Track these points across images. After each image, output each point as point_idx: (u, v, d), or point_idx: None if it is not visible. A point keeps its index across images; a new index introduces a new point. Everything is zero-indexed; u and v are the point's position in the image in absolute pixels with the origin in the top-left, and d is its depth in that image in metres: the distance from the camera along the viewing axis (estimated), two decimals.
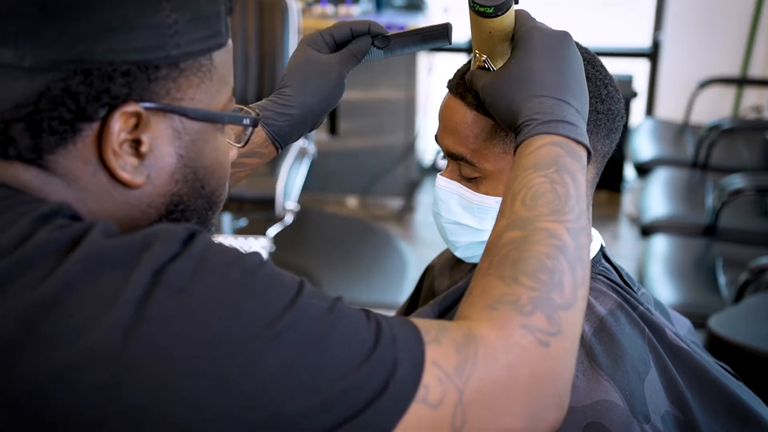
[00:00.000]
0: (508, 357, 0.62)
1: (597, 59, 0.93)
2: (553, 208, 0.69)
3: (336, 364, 0.59)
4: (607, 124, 0.91)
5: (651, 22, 3.97)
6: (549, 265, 0.66)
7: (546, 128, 0.74)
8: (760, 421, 0.92)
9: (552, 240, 0.68)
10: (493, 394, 0.61)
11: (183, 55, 0.65)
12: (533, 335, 0.63)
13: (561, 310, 0.65)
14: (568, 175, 0.72)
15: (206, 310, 0.57)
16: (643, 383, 0.88)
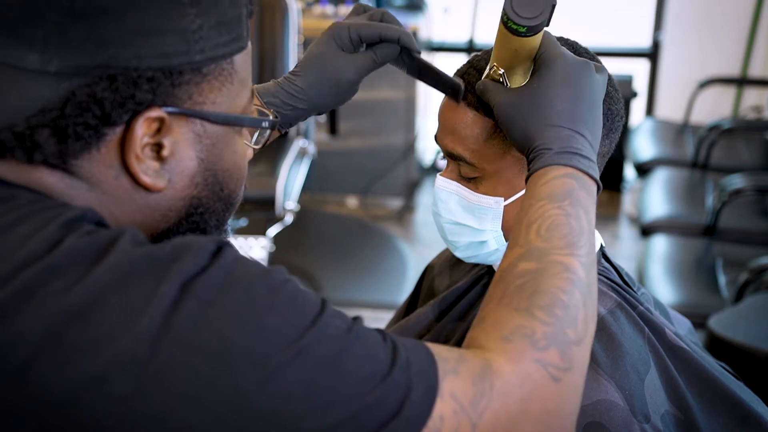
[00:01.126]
0: (522, 392, 0.63)
1: (596, 59, 0.93)
2: (568, 241, 0.70)
3: (353, 385, 0.59)
4: (606, 124, 0.91)
5: (651, 22, 3.97)
6: (564, 300, 0.67)
7: (561, 159, 0.75)
8: (760, 420, 0.92)
9: (567, 274, 0.68)
10: (504, 428, 0.62)
11: (206, 60, 0.65)
12: (546, 370, 0.64)
13: (574, 346, 0.66)
14: (581, 209, 0.72)
15: (231, 324, 0.57)
16: (643, 383, 0.88)
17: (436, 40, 4.02)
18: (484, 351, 0.65)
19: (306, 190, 3.33)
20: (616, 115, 0.92)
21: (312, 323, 0.60)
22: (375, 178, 3.83)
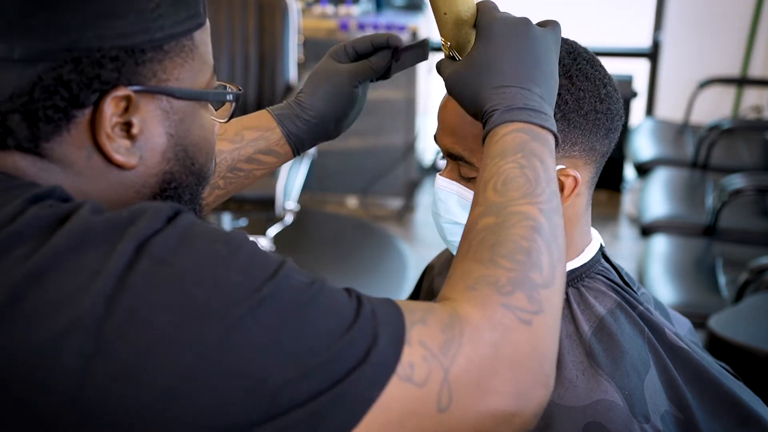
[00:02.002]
0: (493, 336, 0.63)
1: (596, 59, 0.93)
2: (524, 191, 0.70)
3: (317, 334, 0.59)
4: (606, 123, 0.91)
5: (651, 22, 3.97)
6: (526, 246, 0.67)
7: (509, 116, 0.75)
8: (759, 420, 0.92)
9: (526, 222, 0.69)
10: (478, 373, 0.62)
11: (166, 37, 0.67)
12: (515, 314, 0.64)
13: (541, 289, 0.66)
14: (536, 158, 0.73)
15: (188, 279, 0.58)
16: (642, 383, 0.88)
17: (436, 40, 4.02)
18: (452, 301, 0.65)
19: (306, 190, 3.33)
20: (615, 114, 0.92)
21: (272, 276, 0.60)
22: (375, 178, 3.83)
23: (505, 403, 0.62)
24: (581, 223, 0.96)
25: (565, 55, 0.90)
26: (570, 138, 0.89)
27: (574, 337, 0.91)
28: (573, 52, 0.91)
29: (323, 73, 0.97)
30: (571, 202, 0.92)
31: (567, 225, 0.94)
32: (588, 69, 0.90)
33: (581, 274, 0.95)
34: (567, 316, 0.93)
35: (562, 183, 0.90)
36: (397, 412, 0.60)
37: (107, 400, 0.55)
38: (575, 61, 0.90)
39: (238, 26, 3.07)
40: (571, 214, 0.94)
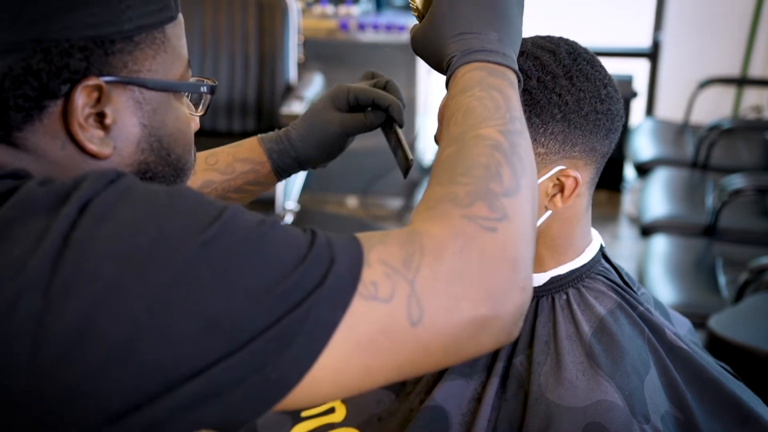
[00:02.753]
0: (456, 245, 0.62)
1: (596, 59, 0.93)
2: (482, 118, 0.70)
3: (269, 267, 0.59)
4: (606, 124, 0.90)
5: (651, 22, 3.97)
6: (483, 162, 0.67)
7: (466, 59, 0.75)
8: (759, 421, 0.92)
9: (484, 142, 0.69)
10: (446, 282, 0.61)
11: (136, 28, 0.68)
12: (477, 223, 0.63)
13: (503, 197, 0.65)
14: (494, 90, 0.72)
15: (131, 229, 0.58)
16: (642, 383, 0.88)
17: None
18: (412, 224, 0.66)
19: (306, 190, 3.33)
20: (616, 115, 0.92)
21: (218, 217, 0.60)
22: (375, 178, 3.83)
23: (479, 309, 0.61)
24: (582, 223, 0.96)
25: (565, 55, 0.90)
26: (570, 139, 0.89)
27: (574, 338, 0.91)
28: (573, 53, 0.91)
29: (318, 120, 0.98)
30: (572, 202, 0.92)
31: (567, 225, 0.94)
32: (588, 69, 0.90)
33: (581, 275, 0.95)
34: (567, 316, 0.93)
35: (562, 184, 0.90)
36: (367, 331, 0.59)
37: (63, 359, 0.55)
38: (575, 62, 0.90)
39: (238, 26, 3.07)
40: (571, 215, 0.94)
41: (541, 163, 0.89)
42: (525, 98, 0.87)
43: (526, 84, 0.88)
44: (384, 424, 1.00)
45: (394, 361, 0.61)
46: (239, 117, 3.11)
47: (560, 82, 0.88)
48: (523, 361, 0.93)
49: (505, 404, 0.92)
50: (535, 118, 0.88)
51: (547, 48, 0.90)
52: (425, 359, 0.62)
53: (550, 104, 0.88)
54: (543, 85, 0.88)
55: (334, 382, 0.60)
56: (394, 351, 0.60)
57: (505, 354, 0.94)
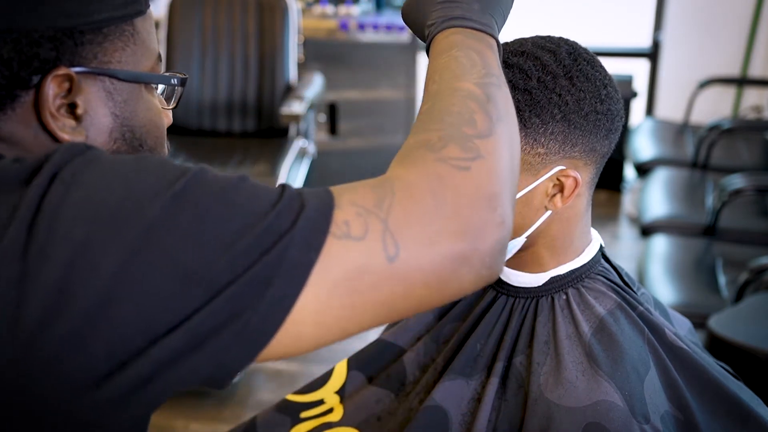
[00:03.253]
0: (429, 185, 0.62)
1: (596, 60, 0.93)
2: (458, 74, 0.71)
3: (241, 215, 0.60)
4: (606, 124, 0.90)
5: (651, 22, 3.97)
6: (455, 110, 0.68)
7: (445, 25, 0.76)
8: (760, 421, 0.92)
9: (457, 93, 0.69)
10: (420, 218, 0.61)
11: (105, 20, 0.70)
12: (449, 164, 0.64)
13: (476, 139, 0.65)
14: (471, 50, 0.73)
15: (100, 190, 0.59)
16: (642, 383, 0.88)
17: None
18: (385, 173, 0.66)
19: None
20: (616, 115, 0.92)
21: (185, 173, 0.61)
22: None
23: (456, 243, 0.61)
24: (581, 223, 0.96)
25: (565, 56, 0.90)
26: (570, 139, 0.89)
27: (573, 338, 0.91)
28: (573, 53, 0.91)
29: None
30: (572, 203, 0.92)
31: (567, 226, 0.94)
32: (588, 70, 0.90)
33: (581, 275, 0.95)
34: (567, 316, 0.93)
35: (562, 184, 0.90)
36: (344, 270, 0.60)
37: (45, 322, 0.56)
38: (576, 62, 0.90)
39: (238, 26, 3.07)
40: (571, 215, 0.94)
41: (541, 164, 0.89)
42: (525, 98, 0.87)
43: (526, 84, 0.88)
44: (383, 424, 1.00)
45: (376, 299, 0.61)
46: (239, 117, 3.11)
47: (560, 82, 0.88)
48: (523, 361, 0.93)
49: (504, 404, 0.92)
50: (535, 118, 0.87)
51: (547, 48, 0.90)
52: (408, 297, 0.62)
53: (550, 104, 0.87)
54: (543, 85, 0.88)
55: (317, 324, 0.60)
56: (374, 289, 0.61)
57: (505, 354, 0.94)
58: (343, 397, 1.04)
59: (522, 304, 0.96)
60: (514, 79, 0.88)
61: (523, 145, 0.88)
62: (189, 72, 3.07)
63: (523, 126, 0.87)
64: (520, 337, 0.94)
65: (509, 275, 0.98)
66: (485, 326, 0.97)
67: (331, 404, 1.04)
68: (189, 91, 3.08)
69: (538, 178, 0.90)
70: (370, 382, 1.04)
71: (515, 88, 0.88)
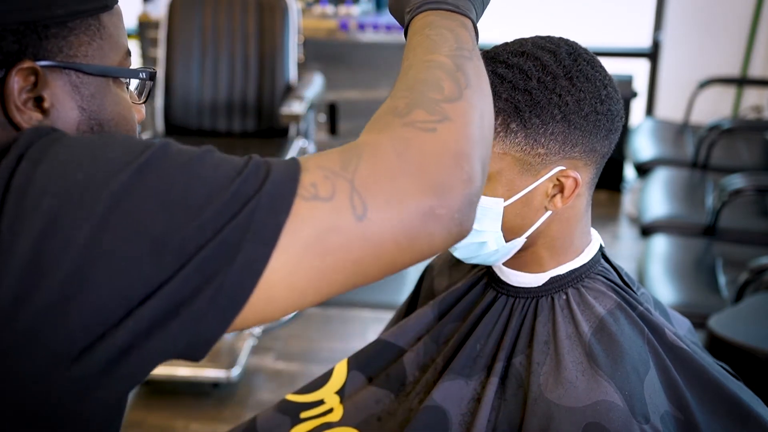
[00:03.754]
0: (395, 147, 0.64)
1: (596, 60, 0.93)
2: (430, 49, 0.72)
3: (208, 182, 0.61)
4: (606, 124, 0.90)
5: (651, 22, 3.97)
6: (421, 78, 0.69)
7: (420, 9, 0.76)
8: (760, 421, 0.92)
9: (426, 64, 0.70)
10: (386, 177, 0.62)
11: (68, 14, 0.69)
12: (415, 127, 0.65)
13: (443, 103, 0.67)
14: (444, 29, 0.74)
15: (66, 165, 0.60)
16: (642, 383, 0.88)
17: None
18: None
19: None
20: (616, 115, 0.92)
21: (149, 146, 0.62)
22: None
23: (423, 199, 0.62)
24: (581, 223, 0.96)
25: (565, 56, 0.90)
26: (570, 139, 0.89)
27: (573, 338, 0.91)
28: (573, 53, 0.91)
29: None
30: (572, 203, 0.92)
31: (567, 226, 0.94)
32: (588, 70, 0.90)
33: (581, 275, 0.95)
34: (567, 316, 0.93)
35: (562, 184, 0.90)
36: (314, 231, 0.61)
37: (20, 297, 0.57)
38: (576, 62, 0.90)
39: (238, 26, 3.07)
40: (571, 215, 0.94)
41: (541, 164, 0.89)
42: (525, 98, 0.87)
43: (527, 84, 0.88)
44: (383, 424, 1.00)
45: (347, 259, 0.62)
46: (239, 117, 3.11)
47: (560, 82, 0.88)
48: (523, 361, 0.93)
49: (504, 404, 0.92)
50: (536, 119, 0.87)
51: (547, 48, 0.90)
52: (379, 257, 0.63)
53: (550, 105, 0.87)
54: (543, 86, 0.88)
55: (289, 287, 0.61)
56: (345, 249, 0.61)
57: (505, 354, 0.94)
58: (343, 397, 1.04)
59: (522, 304, 0.96)
60: (515, 80, 0.88)
61: (523, 146, 0.88)
62: (189, 72, 3.07)
63: (523, 127, 0.87)
64: (520, 337, 0.94)
65: (509, 275, 0.98)
66: (485, 326, 0.97)
67: (331, 404, 1.04)
68: (189, 91, 3.08)
69: (538, 178, 0.90)
70: (370, 382, 1.04)
71: (515, 89, 0.87)
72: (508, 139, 0.88)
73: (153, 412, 2.47)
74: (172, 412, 2.47)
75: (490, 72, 0.88)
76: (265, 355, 2.73)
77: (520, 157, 0.89)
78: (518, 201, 0.90)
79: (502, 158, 0.89)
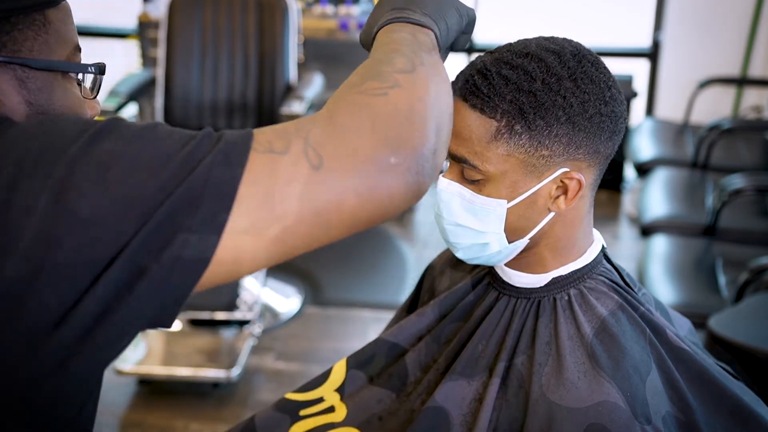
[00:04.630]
0: (348, 110, 0.66)
1: (600, 61, 0.92)
2: (388, 43, 0.75)
3: (164, 144, 0.63)
4: (610, 126, 0.90)
5: (651, 22, 3.96)
6: (377, 58, 0.72)
7: (383, 24, 0.79)
8: (761, 421, 0.91)
9: (383, 48, 0.73)
10: (339, 134, 0.64)
11: (11, 9, 0.70)
12: (367, 93, 0.67)
13: (396, 74, 0.69)
14: (404, 33, 0.76)
15: (21, 139, 0.62)
16: (644, 384, 0.88)
17: None
18: None
19: None
20: (619, 117, 0.91)
21: (99, 122, 0.63)
22: None
23: (377, 150, 0.64)
24: (584, 224, 0.96)
25: (570, 57, 0.89)
26: (575, 141, 0.88)
27: (575, 339, 0.91)
28: (578, 55, 0.90)
29: None
30: (575, 204, 0.92)
31: (570, 227, 0.94)
32: (593, 72, 0.90)
33: (583, 275, 0.95)
34: (569, 317, 0.93)
35: (566, 186, 0.90)
36: (271, 181, 0.62)
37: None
38: (580, 64, 0.89)
39: (238, 26, 3.07)
40: (574, 217, 0.94)
41: (545, 166, 0.89)
42: (530, 100, 0.87)
43: (531, 86, 0.87)
44: (384, 424, 1.00)
45: (309, 208, 0.63)
46: (239, 117, 3.11)
47: (565, 84, 0.87)
48: (525, 362, 0.93)
49: (506, 404, 0.92)
50: (540, 121, 0.87)
51: (551, 50, 0.90)
52: (340, 206, 0.64)
53: (554, 107, 0.87)
54: (548, 88, 0.87)
55: (254, 238, 0.62)
56: (305, 198, 0.62)
57: (507, 354, 0.94)
58: (342, 395, 1.04)
59: (524, 305, 0.96)
60: (519, 81, 0.87)
61: (528, 147, 0.88)
62: (189, 72, 3.07)
63: (528, 128, 0.87)
64: (522, 338, 0.94)
65: (511, 276, 0.98)
66: (487, 327, 0.97)
67: (331, 402, 1.04)
68: (189, 91, 3.08)
69: (542, 180, 0.90)
70: (371, 381, 1.04)
71: (520, 90, 0.87)
72: (513, 141, 0.88)
73: (153, 412, 2.47)
74: (172, 412, 2.46)
75: (495, 73, 0.88)
76: (265, 355, 2.73)
77: (524, 159, 0.88)
78: (522, 202, 0.90)
79: (506, 160, 0.89)
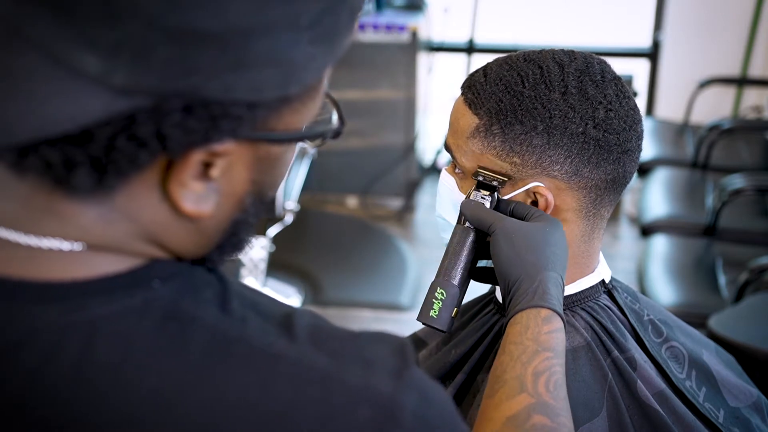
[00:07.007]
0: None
1: (609, 82, 0.86)
2: (568, 402, 0.74)
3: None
4: (597, 151, 0.85)
5: (651, 22, 3.97)
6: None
7: (516, 310, 0.79)
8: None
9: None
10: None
11: (302, 87, 0.55)
12: None
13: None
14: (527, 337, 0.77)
15: None
16: (576, 428, 0.81)
17: (436, 40, 4.02)
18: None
19: (306, 189, 3.33)
20: (614, 146, 0.86)
21: None
22: (375, 178, 3.83)
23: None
24: (575, 254, 0.90)
25: (572, 71, 0.85)
26: (549, 155, 0.84)
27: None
28: (584, 71, 0.86)
29: None
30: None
31: None
32: (591, 90, 0.85)
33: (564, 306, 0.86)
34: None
35: (535, 201, 0.87)
36: None
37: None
38: (579, 79, 0.85)
39: None
40: None
41: (518, 174, 0.86)
42: (512, 102, 0.84)
43: (518, 89, 0.85)
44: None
45: None
46: None
47: (552, 95, 0.84)
48: (485, 379, 0.90)
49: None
50: (517, 126, 0.84)
51: (558, 60, 0.86)
52: None
53: (533, 114, 0.84)
54: (534, 95, 0.84)
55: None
56: None
57: (469, 368, 0.92)
58: None
59: (501, 324, 0.93)
60: (510, 84, 0.85)
61: (499, 150, 0.85)
62: None
63: (502, 131, 0.85)
64: (491, 355, 0.91)
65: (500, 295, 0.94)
66: (487, 351, 0.94)
67: None
68: None
69: (515, 189, 0.86)
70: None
71: (507, 91, 0.85)
72: (487, 140, 0.86)
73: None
74: None
75: (494, 73, 0.87)
76: None
77: (495, 161, 0.86)
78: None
79: (479, 159, 0.87)
